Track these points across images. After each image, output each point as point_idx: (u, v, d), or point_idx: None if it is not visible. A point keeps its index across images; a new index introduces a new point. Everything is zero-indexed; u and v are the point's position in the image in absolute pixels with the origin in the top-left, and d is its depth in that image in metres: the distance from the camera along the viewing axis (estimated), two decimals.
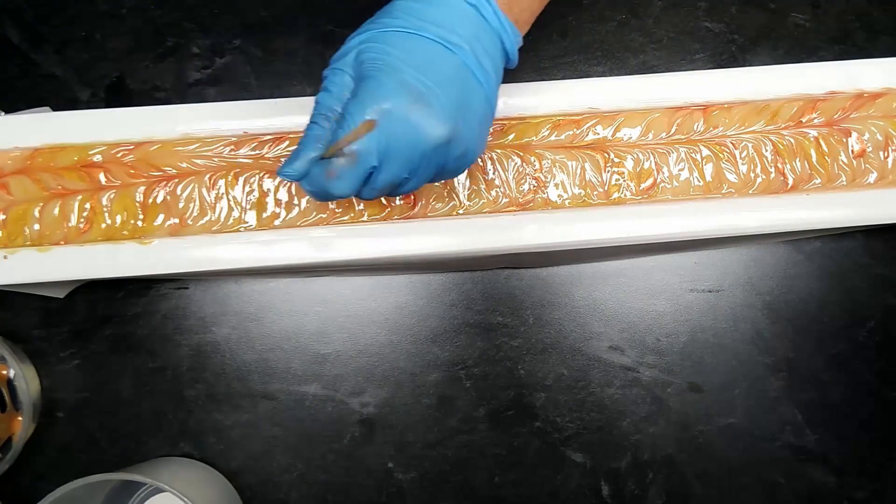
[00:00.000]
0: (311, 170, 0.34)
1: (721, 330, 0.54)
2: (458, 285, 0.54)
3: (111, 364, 0.52)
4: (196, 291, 0.53)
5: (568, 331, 0.53)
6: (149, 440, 0.52)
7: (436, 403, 0.53)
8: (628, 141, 0.47)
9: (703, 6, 0.55)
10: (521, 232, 0.45)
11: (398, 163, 0.33)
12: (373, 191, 0.34)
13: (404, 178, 0.34)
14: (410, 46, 0.33)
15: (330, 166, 0.33)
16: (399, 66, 0.33)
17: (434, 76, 0.33)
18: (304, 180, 0.34)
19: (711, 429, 0.53)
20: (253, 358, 0.52)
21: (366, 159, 0.33)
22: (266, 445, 0.52)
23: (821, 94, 0.47)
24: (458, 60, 0.34)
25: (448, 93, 0.33)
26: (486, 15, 0.35)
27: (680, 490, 0.52)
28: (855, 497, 0.53)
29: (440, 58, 0.34)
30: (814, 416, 0.53)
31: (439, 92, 0.33)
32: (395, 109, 0.32)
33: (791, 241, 0.54)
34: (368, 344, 0.53)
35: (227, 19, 0.54)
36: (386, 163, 0.33)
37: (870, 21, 0.55)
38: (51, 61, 0.53)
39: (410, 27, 0.34)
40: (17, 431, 0.49)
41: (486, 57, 0.35)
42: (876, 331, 0.54)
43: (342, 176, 0.33)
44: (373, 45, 0.34)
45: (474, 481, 0.52)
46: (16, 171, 0.45)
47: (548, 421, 0.53)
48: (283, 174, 0.34)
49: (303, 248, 0.45)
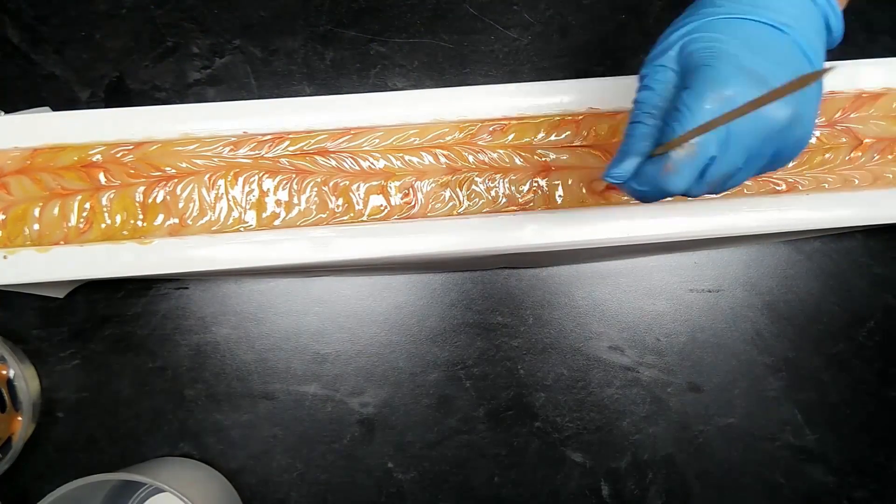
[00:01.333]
0: (641, 168, 0.33)
1: (720, 330, 0.54)
2: (458, 285, 0.54)
3: (111, 364, 0.52)
4: (196, 291, 0.53)
5: (568, 331, 0.53)
6: (149, 440, 0.52)
7: (435, 403, 0.53)
8: None
9: None
10: (521, 232, 0.45)
11: (738, 151, 0.32)
12: (704, 185, 0.33)
13: (738, 168, 0.33)
14: (741, 31, 0.33)
15: (667, 161, 0.32)
16: (733, 51, 0.32)
17: (770, 58, 0.32)
18: (633, 180, 0.34)
19: (711, 429, 0.53)
20: (253, 358, 0.52)
21: (705, 150, 0.32)
22: (266, 445, 0.52)
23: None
24: (790, 40, 0.33)
25: (786, 73, 0.32)
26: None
27: (680, 490, 0.52)
28: (855, 497, 0.53)
29: (773, 40, 0.33)
30: (814, 416, 0.53)
31: (778, 73, 0.32)
32: (737, 96, 0.31)
33: (791, 241, 0.54)
34: (368, 344, 0.53)
35: (227, 19, 0.54)
36: (725, 151, 0.32)
37: (870, 21, 0.55)
38: (51, 61, 0.53)
39: (737, 13, 0.33)
40: (17, 431, 0.49)
41: (815, 35, 0.34)
42: (876, 331, 0.54)
43: (680, 170, 0.32)
44: (700, 35, 0.33)
45: (474, 481, 0.52)
46: (16, 171, 0.45)
47: (548, 421, 0.53)
48: (611, 176, 0.34)
49: (303, 248, 0.45)
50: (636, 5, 0.55)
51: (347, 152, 0.46)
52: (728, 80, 0.31)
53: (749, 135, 0.32)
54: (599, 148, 0.47)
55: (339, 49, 0.54)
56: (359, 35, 0.54)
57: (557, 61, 0.54)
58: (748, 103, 0.29)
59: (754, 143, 0.32)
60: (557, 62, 0.54)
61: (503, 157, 0.46)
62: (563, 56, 0.54)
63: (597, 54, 0.54)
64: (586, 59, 0.54)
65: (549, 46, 0.54)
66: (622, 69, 0.54)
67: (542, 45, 0.54)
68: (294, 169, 0.45)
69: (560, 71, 0.54)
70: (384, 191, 0.46)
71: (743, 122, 0.31)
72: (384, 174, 0.46)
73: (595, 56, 0.54)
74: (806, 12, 0.34)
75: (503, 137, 0.47)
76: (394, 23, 0.54)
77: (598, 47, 0.54)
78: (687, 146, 0.31)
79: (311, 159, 0.46)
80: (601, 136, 0.47)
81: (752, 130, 0.32)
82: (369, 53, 0.54)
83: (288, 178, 0.45)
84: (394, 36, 0.54)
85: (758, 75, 0.31)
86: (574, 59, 0.54)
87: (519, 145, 0.47)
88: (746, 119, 0.31)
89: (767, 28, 0.33)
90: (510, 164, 0.46)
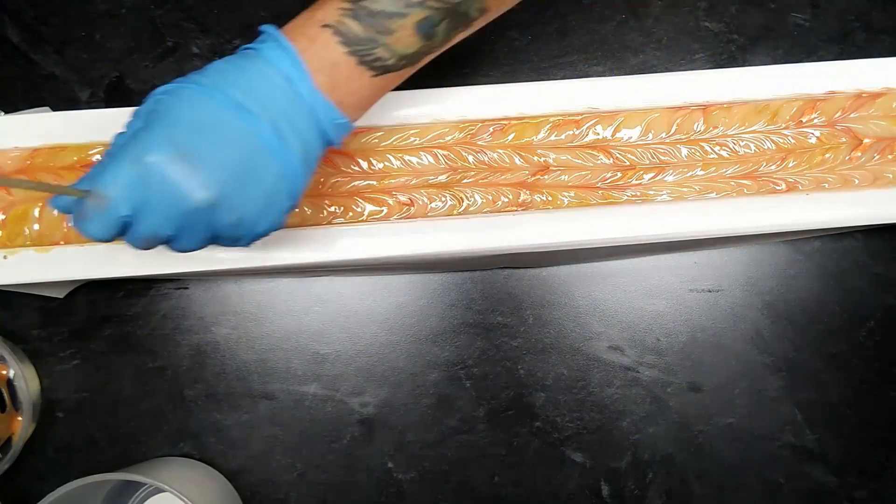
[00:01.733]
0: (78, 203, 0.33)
1: (721, 330, 0.54)
2: (458, 285, 0.54)
3: (111, 364, 0.52)
4: (196, 291, 0.53)
5: (568, 331, 0.53)
6: (149, 440, 0.52)
7: (436, 403, 0.53)
8: (628, 141, 0.47)
9: (703, 6, 0.55)
10: (521, 232, 0.45)
11: (157, 218, 0.32)
12: (137, 240, 0.33)
13: (170, 235, 0.33)
14: (200, 106, 0.32)
15: (81, 206, 0.32)
16: (177, 122, 0.32)
17: (212, 139, 0.32)
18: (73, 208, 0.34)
19: (711, 428, 0.53)
20: (253, 358, 0.52)
21: (116, 207, 0.32)
22: (266, 445, 0.52)
23: (821, 94, 0.47)
24: (248, 129, 0.33)
25: (223, 159, 0.32)
26: (301, 91, 0.34)
27: (680, 490, 0.52)
28: (855, 497, 0.53)
29: (227, 123, 0.33)
30: (814, 415, 0.53)
31: (210, 156, 0.32)
32: (156, 164, 0.31)
33: (791, 241, 0.54)
34: (368, 344, 0.53)
35: (227, 19, 0.54)
36: (142, 216, 0.32)
37: (870, 21, 0.55)
38: (51, 61, 0.53)
39: (209, 86, 0.33)
40: (17, 431, 0.49)
41: (293, 133, 0.34)
42: (876, 331, 0.54)
43: (91, 218, 0.32)
44: (166, 98, 0.33)
45: (474, 481, 0.52)
46: (16, 171, 0.45)
47: (548, 421, 0.53)
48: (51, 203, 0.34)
49: (303, 248, 0.45)
50: (636, 5, 0.55)
51: (347, 152, 0.46)
52: (154, 148, 0.31)
53: (165, 207, 0.32)
54: (599, 148, 0.47)
55: None
56: None
57: (557, 61, 0.54)
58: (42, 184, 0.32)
59: (174, 216, 0.32)
60: (557, 62, 0.54)
61: (503, 157, 0.46)
62: (563, 56, 0.54)
63: (597, 54, 0.54)
64: (586, 59, 0.54)
65: (549, 46, 0.54)
66: (622, 69, 0.54)
67: (541, 45, 0.54)
68: None
69: (560, 71, 0.54)
70: (384, 192, 0.46)
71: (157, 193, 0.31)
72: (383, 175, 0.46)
73: (595, 56, 0.54)
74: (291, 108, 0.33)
75: (503, 137, 0.47)
76: None
77: (598, 47, 0.54)
78: (95, 198, 0.32)
79: None
80: (601, 136, 0.47)
81: (168, 204, 0.32)
82: None
83: None
84: None
85: (184, 151, 0.31)
86: (574, 59, 0.54)
87: (519, 145, 0.47)
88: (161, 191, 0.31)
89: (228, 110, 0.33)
90: (510, 164, 0.46)
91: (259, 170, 0.33)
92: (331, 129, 0.35)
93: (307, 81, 0.34)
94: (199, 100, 0.33)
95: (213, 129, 0.32)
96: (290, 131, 0.34)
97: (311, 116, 0.34)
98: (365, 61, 0.34)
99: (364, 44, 0.34)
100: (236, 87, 0.33)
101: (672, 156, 0.47)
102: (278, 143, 0.33)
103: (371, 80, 0.35)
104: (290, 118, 0.34)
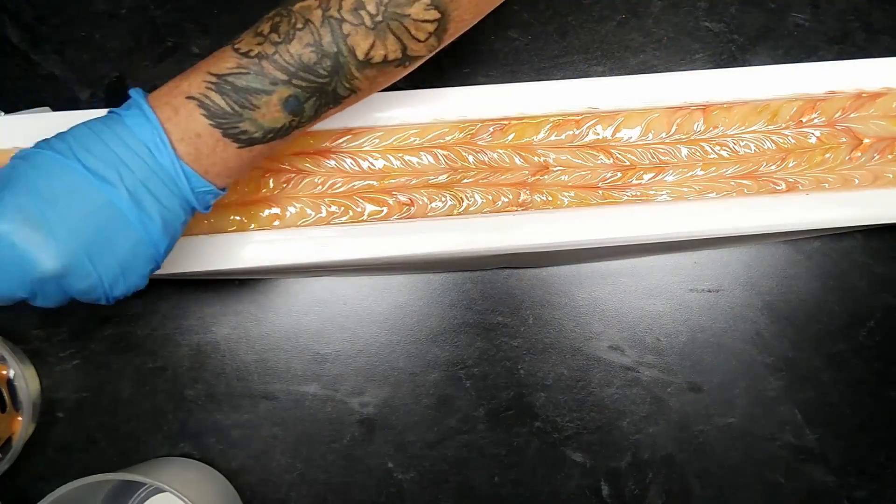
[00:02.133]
0: None
1: (720, 330, 0.54)
2: (458, 285, 0.54)
3: (111, 364, 0.52)
4: (196, 291, 0.53)
5: (568, 331, 0.53)
6: (149, 440, 0.52)
7: (435, 403, 0.53)
8: (628, 141, 0.47)
9: (703, 6, 0.55)
10: (521, 232, 0.45)
11: (8, 284, 0.33)
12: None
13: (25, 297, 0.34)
14: (53, 173, 0.32)
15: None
16: (28, 189, 0.32)
17: (63, 208, 0.32)
18: None
19: (711, 428, 0.53)
20: (253, 358, 0.52)
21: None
22: (266, 445, 0.52)
23: (821, 94, 0.47)
24: (104, 198, 0.33)
25: (75, 228, 0.32)
26: (161, 160, 0.33)
27: (680, 490, 0.52)
28: (855, 497, 0.53)
29: (82, 191, 0.32)
30: (814, 415, 0.53)
31: (60, 225, 0.32)
32: (4, 233, 0.31)
33: (791, 241, 0.54)
34: (368, 344, 0.53)
35: (227, 19, 0.54)
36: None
37: (870, 21, 0.55)
38: (51, 61, 0.53)
39: (65, 153, 0.33)
40: (17, 431, 0.49)
41: (153, 201, 0.33)
42: (876, 331, 0.54)
43: None
44: (21, 163, 0.33)
45: (474, 481, 0.52)
46: None
47: (548, 421, 0.53)
48: None
49: (303, 248, 0.45)
50: (636, 5, 0.55)
51: (347, 152, 0.46)
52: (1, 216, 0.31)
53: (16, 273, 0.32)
54: (599, 148, 0.47)
55: None
56: None
57: (557, 61, 0.54)
58: None
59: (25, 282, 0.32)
60: (557, 62, 0.54)
61: (503, 157, 0.46)
62: (563, 56, 0.54)
63: (597, 54, 0.54)
64: (586, 59, 0.54)
65: (549, 46, 0.54)
66: (622, 69, 0.54)
67: (541, 45, 0.54)
68: (294, 169, 0.45)
69: (560, 71, 0.54)
70: (384, 192, 0.46)
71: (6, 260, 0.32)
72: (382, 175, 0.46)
73: (595, 56, 0.54)
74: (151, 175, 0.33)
75: (503, 137, 0.47)
76: None
77: (598, 47, 0.54)
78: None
79: (311, 159, 0.46)
80: (601, 137, 0.47)
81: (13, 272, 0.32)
82: None
83: (288, 178, 0.45)
84: None
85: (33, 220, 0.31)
86: (574, 59, 0.54)
87: (519, 145, 0.47)
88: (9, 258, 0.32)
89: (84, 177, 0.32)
90: (510, 164, 0.46)
91: (115, 238, 0.33)
92: (194, 196, 0.35)
93: (168, 151, 0.33)
94: (53, 167, 0.32)
95: (66, 198, 0.32)
96: (150, 199, 0.33)
97: (173, 184, 0.34)
98: (230, 134, 0.34)
99: (228, 118, 0.34)
100: (94, 155, 0.33)
101: (672, 156, 0.47)
102: (136, 212, 0.33)
103: (238, 150, 0.35)
104: (149, 186, 0.33)
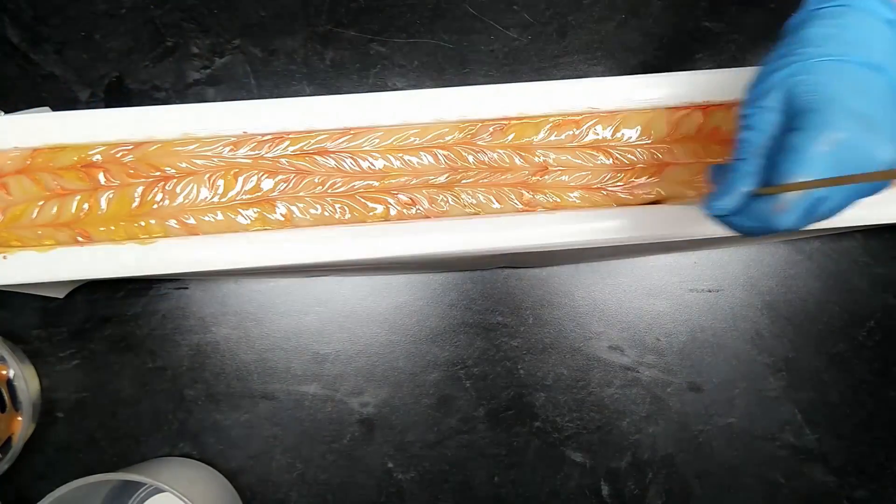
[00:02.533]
0: (750, 205, 0.34)
1: (720, 329, 0.54)
2: (458, 285, 0.54)
3: (111, 364, 0.52)
4: (196, 291, 0.53)
5: (568, 331, 0.53)
6: (149, 440, 0.52)
7: (435, 403, 0.53)
8: (628, 141, 0.47)
9: (703, 6, 0.55)
10: (521, 232, 0.45)
11: (847, 191, 0.33)
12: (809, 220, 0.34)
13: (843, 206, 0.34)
14: (843, 74, 0.34)
15: (779, 201, 0.33)
16: (839, 95, 0.33)
17: (872, 100, 0.33)
18: (737, 215, 0.35)
19: (711, 428, 0.53)
20: (252, 358, 0.52)
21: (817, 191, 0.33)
22: (266, 445, 0.52)
23: None
24: (886, 81, 0.34)
25: (888, 114, 0.33)
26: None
27: (680, 490, 0.52)
28: (855, 497, 0.53)
29: (871, 82, 0.34)
30: (814, 415, 0.53)
31: (882, 115, 0.33)
32: (848, 139, 0.32)
33: (791, 241, 0.54)
34: (368, 344, 0.53)
35: (227, 19, 0.54)
36: (835, 192, 0.33)
37: None
38: (50, 61, 0.53)
39: (834, 54, 0.34)
40: (17, 431, 0.49)
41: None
42: (876, 331, 0.54)
43: (792, 209, 0.33)
44: (803, 79, 0.34)
45: (474, 481, 0.52)
46: (15, 171, 0.45)
47: (548, 421, 0.53)
48: (713, 209, 0.35)
49: (303, 248, 0.45)
50: (636, 5, 0.55)
51: (347, 152, 0.46)
52: (838, 124, 0.32)
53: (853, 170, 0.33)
54: (599, 148, 0.47)
55: (338, 49, 0.54)
56: (358, 35, 0.54)
57: (557, 61, 0.54)
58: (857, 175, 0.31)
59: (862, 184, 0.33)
60: (557, 62, 0.54)
61: (503, 157, 0.46)
62: (563, 56, 0.54)
63: (597, 54, 0.54)
64: (586, 59, 0.54)
65: (549, 46, 0.54)
66: (622, 69, 0.54)
67: (541, 45, 0.54)
68: (294, 169, 0.45)
69: (560, 71, 0.54)
70: (385, 192, 0.46)
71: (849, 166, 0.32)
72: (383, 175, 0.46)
73: (595, 56, 0.54)
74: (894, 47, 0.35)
75: (503, 137, 0.47)
76: (394, 22, 0.54)
77: (599, 47, 0.54)
78: None
79: (311, 159, 0.46)
80: (601, 137, 0.47)
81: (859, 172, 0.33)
82: (369, 53, 0.54)
83: (287, 178, 0.45)
84: (394, 36, 0.54)
85: (866, 117, 0.33)
86: (574, 59, 0.54)
87: (519, 145, 0.47)
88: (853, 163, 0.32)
89: (864, 70, 0.34)
90: (510, 164, 0.46)
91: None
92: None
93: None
94: (836, 67, 0.34)
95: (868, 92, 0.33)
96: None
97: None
98: None
99: None
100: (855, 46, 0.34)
101: (672, 156, 0.47)
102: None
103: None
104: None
